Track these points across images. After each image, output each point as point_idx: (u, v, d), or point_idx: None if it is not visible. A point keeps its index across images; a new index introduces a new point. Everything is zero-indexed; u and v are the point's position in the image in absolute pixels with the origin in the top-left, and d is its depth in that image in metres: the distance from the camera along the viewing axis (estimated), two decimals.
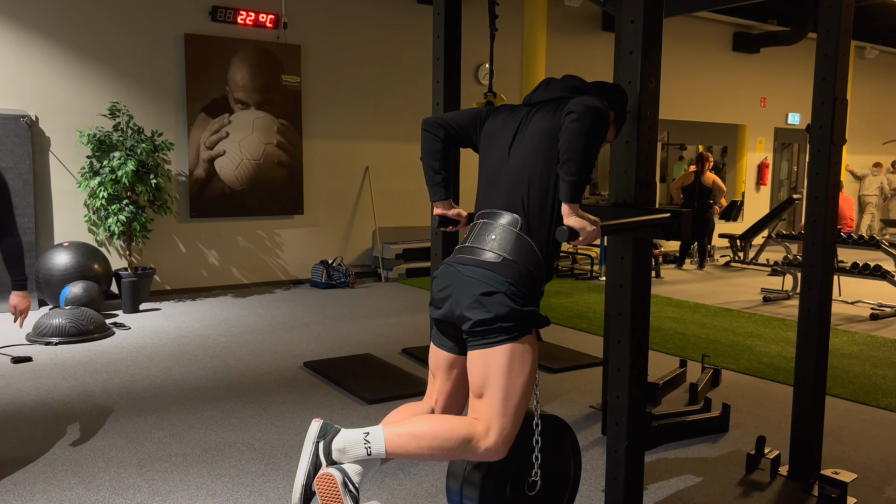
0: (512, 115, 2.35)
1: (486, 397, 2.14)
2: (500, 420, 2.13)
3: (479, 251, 2.19)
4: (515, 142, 2.26)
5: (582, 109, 1.99)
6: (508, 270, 2.12)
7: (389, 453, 2.09)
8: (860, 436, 3.81)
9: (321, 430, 2.11)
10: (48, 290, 6.36)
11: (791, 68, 12.60)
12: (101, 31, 6.95)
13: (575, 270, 9.33)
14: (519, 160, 2.22)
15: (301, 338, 5.71)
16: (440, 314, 2.25)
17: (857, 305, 7.34)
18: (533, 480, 2.30)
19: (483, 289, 2.11)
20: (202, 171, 7.52)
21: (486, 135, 2.38)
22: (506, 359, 2.12)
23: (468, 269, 2.17)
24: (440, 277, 2.26)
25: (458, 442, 2.10)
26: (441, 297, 2.24)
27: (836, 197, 3.16)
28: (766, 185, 12.98)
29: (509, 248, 2.15)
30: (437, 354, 2.36)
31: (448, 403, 2.38)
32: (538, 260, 2.17)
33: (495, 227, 2.20)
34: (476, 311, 2.11)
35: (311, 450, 2.09)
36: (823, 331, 3.19)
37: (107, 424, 3.80)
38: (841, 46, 3.05)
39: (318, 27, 8.13)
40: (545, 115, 2.23)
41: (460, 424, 2.13)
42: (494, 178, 2.28)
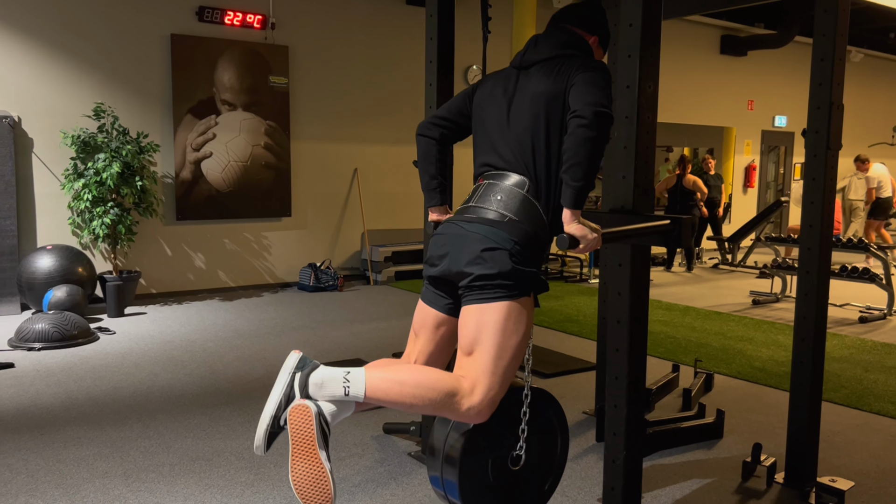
0: (500, 81, 2.28)
1: (476, 354, 2.04)
2: (488, 378, 2.03)
3: (484, 210, 2.12)
4: (514, 106, 2.20)
5: (591, 115, 1.95)
6: (514, 229, 2.06)
7: (368, 396, 1.97)
8: (854, 442, 3.80)
9: (300, 361, 1.99)
10: (31, 293, 6.25)
11: (778, 71, 12.66)
12: (86, 30, 6.85)
13: (564, 273, 9.31)
14: (521, 126, 2.16)
15: (290, 342, 5.64)
16: (437, 271, 2.16)
17: (845, 308, 7.36)
18: (517, 454, 2.20)
19: (486, 244, 2.04)
20: (188, 173, 7.42)
21: (478, 104, 2.31)
22: (502, 315, 2.03)
23: (472, 226, 2.09)
24: (441, 234, 2.18)
25: (442, 394, 1.99)
26: (439, 253, 2.16)
27: (832, 202, 3.14)
28: (754, 188, 13.03)
29: (515, 208, 2.09)
30: (426, 312, 2.26)
31: (429, 365, 2.28)
32: (544, 224, 2.11)
33: (501, 187, 2.14)
34: (478, 267, 2.03)
35: (286, 380, 1.97)
36: (819, 337, 3.16)
37: (91, 433, 3.72)
38: (837, 51, 3.03)
39: (306, 28, 8.06)
40: (542, 77, 2.16)
41: (445, 377, 2.04)
42: (495, 143, 2.21)
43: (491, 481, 2.17)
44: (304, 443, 1.92)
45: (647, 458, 3.50)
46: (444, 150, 2.38)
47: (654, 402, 4.26)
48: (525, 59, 2.26)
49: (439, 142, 2.37)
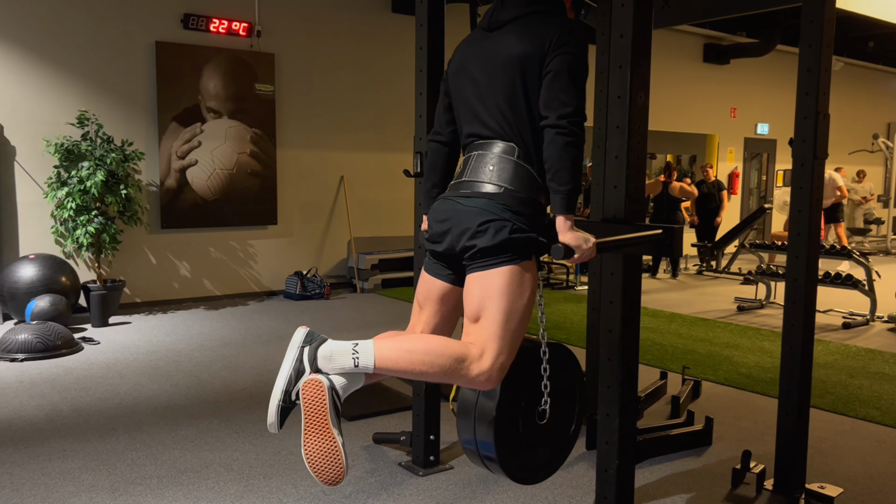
0: (471, 44, 2.24)
1: (483, 320, 2.04)
2: (497, 343, 2.03)
3: (478, 184, 2.10)
4: (488, 70, 2.15)
5: (567, 125, 1.97)
6: (511, 199, 2.05)
7: (378, 367, 1.96)
8: (842, 447, 3.83)
9: (307, 335, 1.99)
10: (13, 303, 6.17)
11: (760, 79, 12.79)
12: (70, 37, 6.79)
13: (551, 280, 9.33)
14: (499, 90, 2.12)
15: (276, 352, 5.60)
16: (439, 247, 2.16)
17: (829, 314, 7.43)
18: (543, 409, 2.21)
19: (487, 217, 2.03)
20: (174, 181, 7.37)
21: (452, 75, 2.27)
22: (506, 280, 2.03)
23: (469, 201, 2.08)
24: (438, 211, 2.16)
25: (451, 360, 1.99)
26: (440, 230, 2.14)
27: (818, 211, 3.17)
28: (737, 195, 13.14)
29: (508, 177, 2.07)
30: (431, 283, 2.25)
31: None
32: (539, 186, 2.10)
33: (491, 157, 2.12)
34: (479, 239, 2.03)
35: (294, 354, 1.96)
36: (807, 345, 3.19)
37: (77, 445, 3.67)
38: (823, 61, 3.07)
39: (293, 36, 8.04)
40: (516, 39, 2.11)
41: (454, 343, 2.04)
42: (477, 110, 2.18)
43: (521, 436, 2.20)
44: (317, 417, 1.91)
45: (637, 466, 3.51)
46: (452, 154, 2.36)
47: (643, 409, 4.27)
48: (494, 20, 2.20)
49: (450, 144, 2.35)
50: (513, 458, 2.18)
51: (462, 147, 2.28)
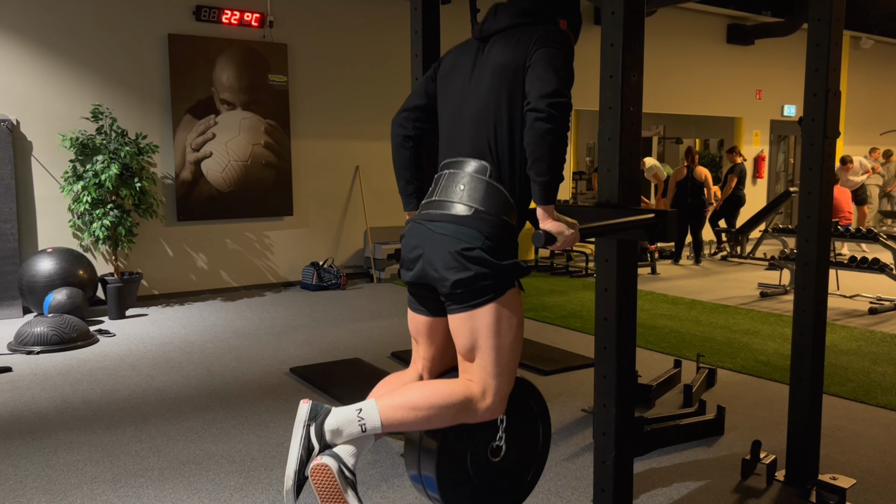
0: (463, 52, 2.19)
1: (478, 360, 2.03)
2: (496, 380, 2.03)
3: (448, 204, 2.05)
4: (473, 81, 2.11)
5: (547, 109, 1.88)
6: (482, 223, 1.98)
7: (385, 427, 1.97)
8: (859, 436, 3.70)
9: (311, 411, 1.98)
10: (32, 297, 6.25)
11: (786, 60, 12.48)
12: (83, 32, 6.83)
13: (570, 268, 9.22)
14: (481, 102, 2.07)
15: (288, 342, 5.60)
16: (413, 276, 2.10)
17: (855, 300, 7.24)
18: (497, 445, 2.15)
19: (458, 246, 1.97)
20: (189, 174, 7.40)
21: (441, 80, 2.22)
22: (492, 318, 2.00)
23: (438, 226, 2.02)
24: (409, 236, 2.11)
25: (457, 408, 2.00)
26: (412, 257, 2.10)
27: (830, 192, 3.05)
28: (763, 178, 12.87)
29: (479, 197, 2.02)
30: (416, 319, 2.22)
31: (435, 368, 2.26)
32: (511, 207, 2.03)
33: (462, 176, 2.06)
34: (454, 271, 1.97)
35: (301, 433, 1.96)
36: (819, 331, 3.07)
37: (83, 437, 3.69)
38: (833, 36, 2.94)
39: (305, 25, 8.01)
40: (502, 48, 2.07)
41: (456, 388, 2.02)
42: (456, 123, 2.13)
43: (470, 474, 2.12)
44: (331, 497, 1.93)
45: (645, 456, 3.43)
46: (418, 148, 2.30)
47: (655, 398, 4.19)
48: (485, 29, 2.16)
49: (413, 138, 2.29)
50: (458, 495, 2.09)
51: (438, 162, 2.22)
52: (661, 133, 18.50)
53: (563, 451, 3.50)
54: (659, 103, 11.04)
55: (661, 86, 10.93)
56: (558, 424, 3.86)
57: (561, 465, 3.34)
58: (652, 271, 8.99)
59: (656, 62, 10.73)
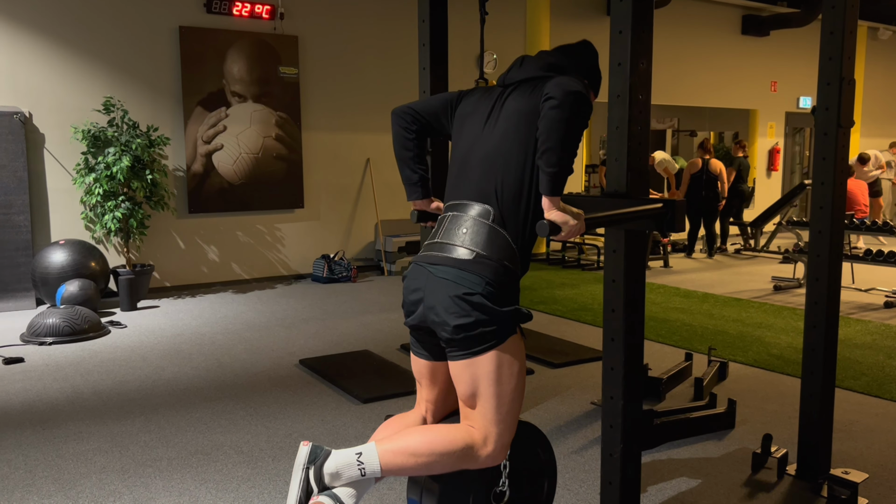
0: (485, 96, 2.20)
1: (479, 407, 2.03)
2: (497, 427, 2.03)
3: (450, 247, 2.04)
4: (488, 125, 2.12)
5: (562, 95, 1.85)
6: (483, 268, 1.98)
7: (385, 472, 1.97)
8: (872, 431, 3.66)
9: (310, 454, 1.96)
10: (45, 288, 6.29)
11: (802, 51, 12.33)
12: (95, 25, 6.84)
13: (581, 261, 9.18)
14: (493, 145, 2.08)
15: (299, 334, 5.60)
16: (414, 319, 2.10)
17: (870, 293, 7.15)
18: (501, 491, 2.15)
19: (458, 291, 1.96)
20: (200, 166, 7.41)
21: (459, 119, 2.23)
22: (493, 366, 1.99)
23: (440, 270, 2.02)
24: (410, 279, 2.12)
25: (457, 455, 1.99)
26: (413, 300, 2.09)
27: (843, 183, 3.00)
28: (778, 171, 12.74)
29: (482, 242, 2.01)
30: (418, 363, 2.22)
31: (438, 411, 2.26)
32: (513, 253, 2.03)
33: (465, 219, 2.06)
34: (454, 316, 1.97)
35: (301, 476, 1.95)
36: (832, 324, 3.03)
37: (93, 427, 3.70)
38: (847, 23, 2.89)
39: (316, 17, 7.99)
40: (520, 95, 2.09)
41: (457, 435, 2.02)
42: (466, 166, 2.14)
43: None
44: None
45: (654, 449, 3.40)
46: (420, 140, 2.30)
47: (666, 391, 4.15)
48: (508, 77, 2.19)
49: (416, 134, 2.30)
50: None
51: (443, 202, 2.22)
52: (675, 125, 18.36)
53: (571, 444, 3.48)
54: (673, 95, 10.94)
55: (675, 77, 10.83)
56: (567, 417, 3.84)
57: (569, 458, 3.32)
58: (664, 264, 8.93)
59: (670, 53, 10.63)
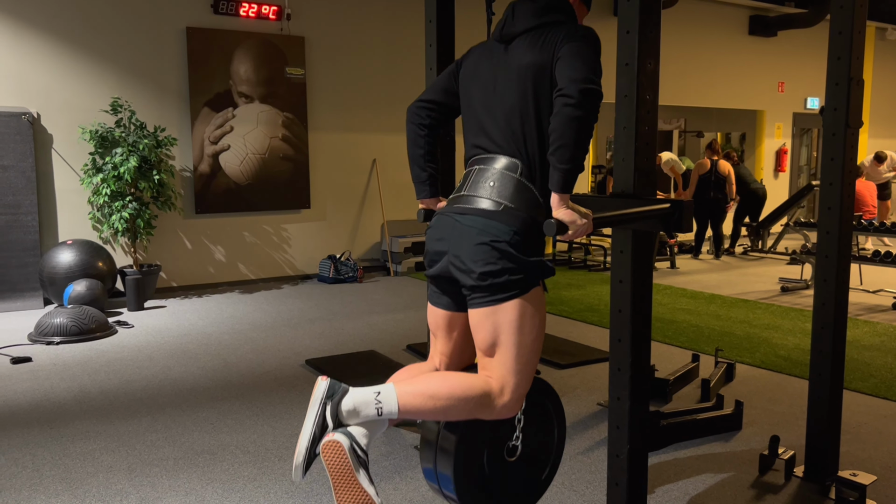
0: (485, 53, 2.19)
1: (498, 355, 2.02)
2: (516, 377, 2.03)
3: (477, 199, 2.03)
4: (499, 84, 2.10)
5: (577, 93, 1.85)
6: (511, 218, 1.97)
7: (402, 413, 1.96)
8: (881, 433, 3.64)
9: (329, 389, 1.94)
10: (52, 288, 6.31)
11: (809, 51, 12.28)
12: (102, 26, 6.87)
13: (588, 262, 9.16)
14: (508, 103, 2.06)
15: (305, 334, 5.61)
16: (437, 270, 2.09)
17: (879, 294, 7.12)
18: (513, 445, 2.15)
19: (486, 238, 1.96)
20: (207, 167, 7.43)
21: (464, 80, 2.22)
22: (516, 314, 1.98)
23: (467, 219, 2.01)
24: (435, 228, 2.10)
25: (475, 402, 1.99)
26: (437, 249, 2.08)
27: (851, 183, 2.98)
28: (785, 172, 12.70)
29: (509, 194, 2.00)
30: (435, 314, 2.21)
31: (453, 364, 2.25)
32: (539, 206, 2.02)
33: (493, 172, 2.05)
34: (480, 263, 1.96)
35: (317, 410, 1.93)
36: (840, 325, 3.02)
37: (100, 427, 3.71)
38: (856, 23, 2.87)
39: (323, 18, 8.00)
40: (525, 49, 2.06)
41: (476, 382, 2.01)
42: (483, 123, 2.12)
43: (487, 473, 2.12)
44: (342, 475, 1.91)
45: (661, 450, 3.39)
46: (433, 137, 2.29)
47: (672, 393, 4.14)
48: (506, 32, 2.15)
49: (428, 127, 2.29)
50: (473, 494, 2.09)
51: (465, 159, 2.21)
52: (682, 126, 18.29)
53: (577, 445, 3.47)
54: (680, 96, 10.92)
55: (681, 78, 10.80)
56: (574, 418, 3.83)
57: (576, 459, 3.31)
58: (671, 266, 8.91)
59: (677, 54, 10.61)
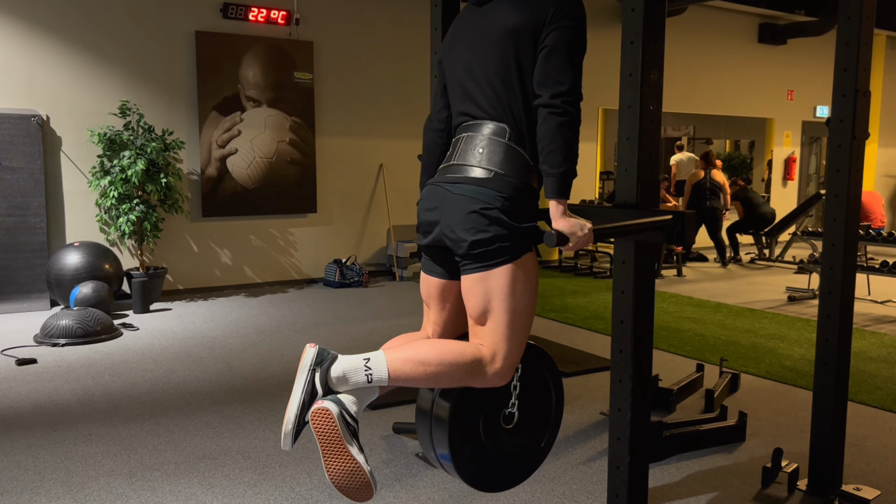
0: (462, 20, 2.15)
1: (490, 322, 1.99)
2: (507, 344, 2.00)
3: (467, 168, 2.01)
4: (480, 44, 2.05)
5: (560, 104, 1.85)
6: (502, 185, 1.95)
7: (392, 379, 1.93)
8: (886, 446, 3.61)
9: (317, 356, 1.92)
10: (59, 290, 6.34)
11: (819, 60, 12.24)
12: (112, 29, 6.91)
13: (594, 268, 9.14)
14: (493, 66, 2.02)
15: (309, 339, 5.61)
16: (430, 240, 2.08)
17: (887, 305, 7.07)
18: (510, 412, 2.13)
19: (477, 206, 1.94)
20: (214, 170, 7.45)
21: (445, 54, 2.18)
22: (508, 280, 1.96)
23: (458, 188, 1.99)
24: (426, 198, 2.08)
25: (465, 367, 1.96)
26: (429, 219, 2.07)
27: (857, 195, 2.97)
28: (794, 180, 12.64)
29: (499, 160, 1.98)
30: (428, 282, 2.19)
31: (445, 335, 2.24)
32: (531, 169, 1.99)
33: (481, 139, 2.02)
34: (472, 231, 1.94)
35: (306, 376, 1.90)
36: (845, 338, 3.00)
37: (103, 430, 3.72)
38: (863, 34, 2.86)
39: (331, 23, 8.03)
40: (509, 10, 2.00)
41: (467, 349, 1.99)
42: (468, 88, 2.08)
43: (483, 441, 2.10)
44: (331, 443, 1.88)
45: (663, 461, 3.37)
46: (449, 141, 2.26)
47: (676, 403, 4.12)
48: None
49: (445, 132, 2.26)
50: (470, 462, 2.08)
51: (453, 128, 2.18)
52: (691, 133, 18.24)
53: (579, 455, 3.45)
54: (688, 103, 10.89)
55: (690, 85, 10.78)
56: (576, 427, 3.81)
57: (577, 469, 3.29)
58: (678, 273, 8.88)
59: (686, 61, 10.59)
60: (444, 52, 2.19)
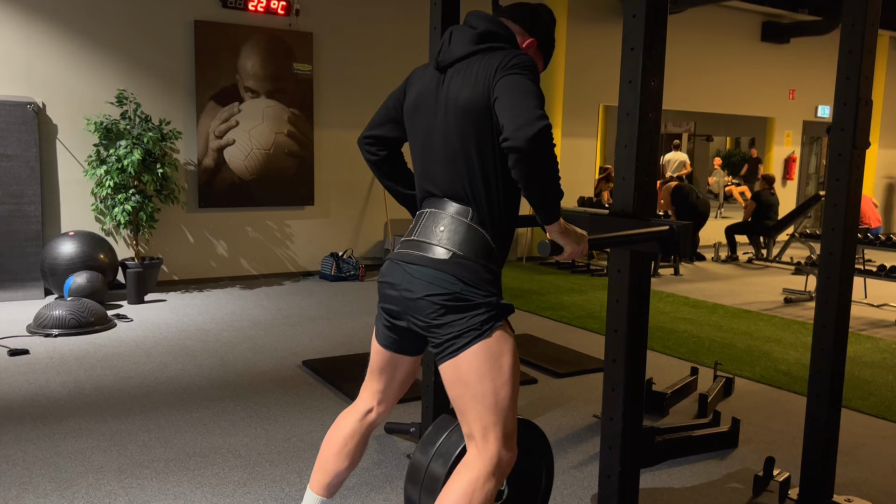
0: (425, 85, 2.07)
1: (473, 410, 1.94)
2: (496, 429, 1.94)
3: (427, 246, 1.98)
4: (439, 118, 2.00)
5: (526, 144, 1.71)
6: (459, 269, 1.93)
7: None
8: (879, 455, 3.60)
9: None
10: (53, 279, 6.31)
11: (822, 59, 12.19)
12: (110, 17, 6.85)
13: (591, 266, 9.12)
14: (450, 145, 1.97)
15: (303, 334, 5.59)
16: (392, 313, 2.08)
17: (883, 309, 7.06)
18: (500, 489, 2.13)
19: (434, 290, 1.92)
20: (211, 161, 7.41)
21: (407, 112, 2.13)
22: (480, 360, 1.92)
23: (416, 270, 1.97)
24: (386, 275, 2.07)
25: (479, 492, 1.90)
26: (390, 295, 2.05)
27: (857, 205, 2.94)
28: (793, 180, 12.62)
29: (459, 241, 1.96)
30: (382, 355, 2.20)
31: (389, 405, 2.27)
32: (491, 251, 1.98)
33: (443, 217, 2.00)
34: (432, 317, 1.94)
35: None
36: (840, 347, 2.98)
37: (93, 424, 3.70)
38: (866, 43, 2.83)
39: (331, 14, 7.97)
40: (461, 83, 1.94)
41: (461, 485, 1.92)
42: (429, 163, 2.05)
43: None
44: None
45: (653, 467, 3.36)
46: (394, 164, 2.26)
47: (669, 406, 4.11)
48: (441, 59, 2.04)
49: (383, 160, 2.24)
50: None
51: (418, 199, 2.15)
52: (692, 130, 18.17)
53: (571, 459, 3.44)
54: (689, 101, 10.85)
55: (692, 83, 10.74)
56: (569, 430, 3.80)
57: (568, 473, 3.28)
58: (675, 272, 8.86)
59: (688, 59, 10.54)
60: (406, 114, 2.14)
